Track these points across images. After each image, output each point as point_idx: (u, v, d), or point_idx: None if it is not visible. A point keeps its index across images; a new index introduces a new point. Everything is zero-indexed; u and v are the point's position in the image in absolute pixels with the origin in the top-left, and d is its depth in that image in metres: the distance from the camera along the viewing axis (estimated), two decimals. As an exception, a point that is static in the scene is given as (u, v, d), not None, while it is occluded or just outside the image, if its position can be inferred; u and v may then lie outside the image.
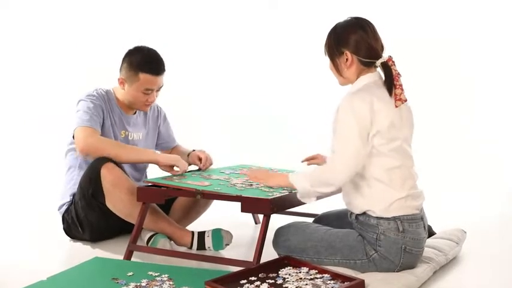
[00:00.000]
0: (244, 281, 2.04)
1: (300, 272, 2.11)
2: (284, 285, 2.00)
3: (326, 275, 2.07)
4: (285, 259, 2.22)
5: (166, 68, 2.82)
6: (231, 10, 5.41)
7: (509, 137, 4.83)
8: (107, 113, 2.80)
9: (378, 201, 2.14)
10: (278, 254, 2.31)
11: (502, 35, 4.95)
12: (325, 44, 2.25)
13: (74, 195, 2.77)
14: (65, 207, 2.80)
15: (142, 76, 2.76)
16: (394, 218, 2.13)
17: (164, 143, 3.10)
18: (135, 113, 2.94)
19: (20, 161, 4.76)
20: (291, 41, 5.29)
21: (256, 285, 2.00)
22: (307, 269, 2.14)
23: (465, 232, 2.64)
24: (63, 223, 2.81)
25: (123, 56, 2.82)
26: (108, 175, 2.58)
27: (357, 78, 2.21)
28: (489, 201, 3.74)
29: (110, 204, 2.61)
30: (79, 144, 2.64)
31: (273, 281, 2.04)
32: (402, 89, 2.14)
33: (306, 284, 1.99)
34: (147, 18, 5.24)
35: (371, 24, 2.21)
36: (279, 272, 2.12)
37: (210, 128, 5.22)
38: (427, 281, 2.19)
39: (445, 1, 5.03)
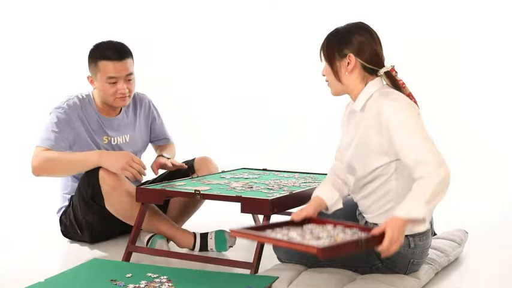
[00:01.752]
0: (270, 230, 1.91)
1: (325, 227, 1.95)
2: (314, 232, 1.86)
3: (354, 229, 1.92)
4: (307, 220, 2.04)
5: (130, 53, 2.71)
6: (231, 10, 5.39)
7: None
8: (81, 122, 2.70)
9: None
10: (278, 258, 2.27)
11: (502, 35, 4.93)
12: (324, 46, 2.08)
13: (71, 198, 2.74)
14: (63, 210, 2.78)
15: (101, 64, 2.66)
16: (407, 235, 2.02)
17: (156, 140, 3.02)
18: (119, 112, 2.84)
19: (19, 162, 4.73)
20: (291, 41, 5.27)
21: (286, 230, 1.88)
22: (332, 225, 1.97)
23: (467, 232, 2.62)
24: (60, 225, 2.78)
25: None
26: (107, 177, 2.55)
27: (359, 85, 2.04)
28: (491, 201, 3.72)
29: (110, 207, 2.58)
30: (32, 166, 2.59)
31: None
32: (413, 97, 2.05)
33: (337, 234, 1.85)
34: (146, 18, 5.23)
35: (375, 31, 2.08)
36: (303, 227, 1.97)
37: (209, 128, 5.20)
38: (429, 282, 2.17)
39: (445, 1, 5.02)
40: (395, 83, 2.05)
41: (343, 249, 1.73)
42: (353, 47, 2.02)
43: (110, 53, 2.67)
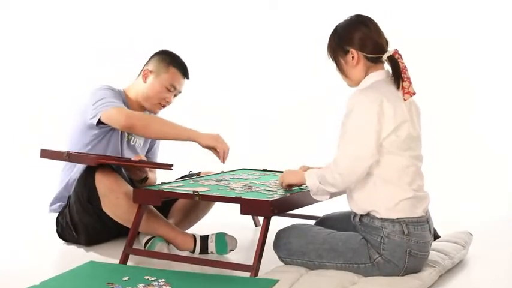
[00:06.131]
0: None
1: None
2: None
3: None
4: None
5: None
6: (231, 10, 5.38)
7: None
8: None
9: (383, 201, 2.08)
10: (279, 257, 2.25)
11: (502, 35, 4.92)
12: (328, 46, 2.23)
13: (69, 197, 2.70)
14: (58, 207, 2.74)
15: (173, 70, 2.80)
16: (399, 221, 2.06)
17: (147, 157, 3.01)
18: None
19: (15, 162, 4.71)
20: (291, 42, 5.26)
21: None
22: None
23: (472, 235, 2.60)
24: (57, 226, 2.74)
25: (153, 53, 2.87)
26: (103, 179, 2.52)
27: (365, 76, 2.16)
28: (496, 202, 3.71)
29: (107, 210, 2.54)
30: (120, 118, 2.52)
31: None
32: (410, 82, 2.11)
33: None
34: (145, 18, 5.21)
35: (372, 20, 2.20)
36: None
37: (209, 128, 5.18)
38: (433, 285, 2.14)
39: (445, 1, 5.01)
40: (397, 69, 2.12)
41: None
42: (354, 43, 2.15)
43: (184, 68, 2.86)
